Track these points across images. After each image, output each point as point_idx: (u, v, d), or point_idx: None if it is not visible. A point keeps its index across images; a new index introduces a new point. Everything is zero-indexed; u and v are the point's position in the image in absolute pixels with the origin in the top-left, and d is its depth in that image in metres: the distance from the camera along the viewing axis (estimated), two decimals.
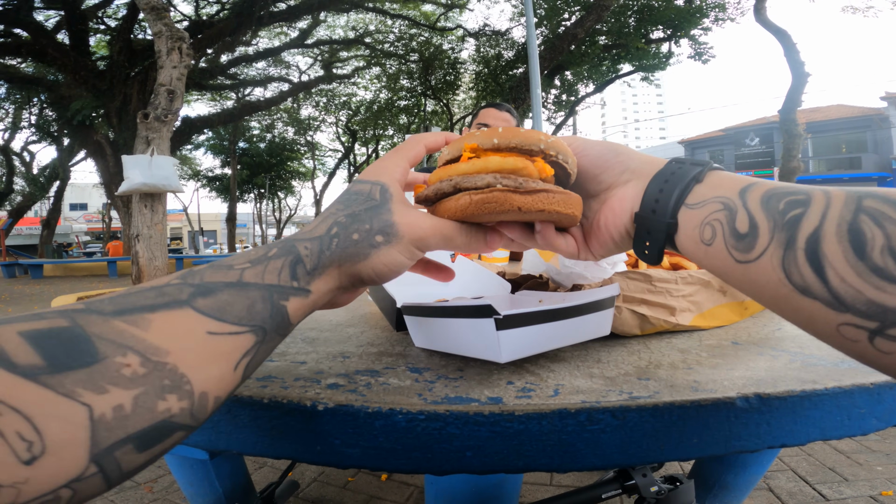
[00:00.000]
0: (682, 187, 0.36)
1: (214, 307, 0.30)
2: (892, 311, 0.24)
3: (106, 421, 0.24)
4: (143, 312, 0.27)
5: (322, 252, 0.36)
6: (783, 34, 11.86)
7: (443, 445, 0.38)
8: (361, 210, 0.38)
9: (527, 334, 0.43)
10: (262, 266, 0.34)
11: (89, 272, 14.04)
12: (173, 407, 0.26)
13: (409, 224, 0.38)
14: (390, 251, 0.37)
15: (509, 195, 0.36)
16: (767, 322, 0.71)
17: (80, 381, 0.23)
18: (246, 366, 0.31)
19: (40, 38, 10.98)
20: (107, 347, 0.25)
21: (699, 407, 0.39)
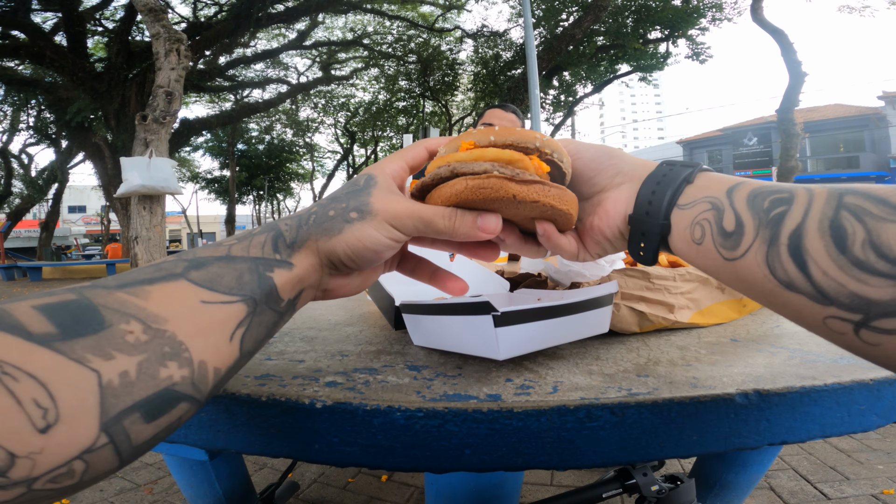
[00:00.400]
0: (674, 189, 0.37)
1: (206, 278, 0.32)
2: (875, 303, 0.24)
3: (113, 387, 0.24)
4: (142, 285, 0.29)
5: (300, 227, 0.37)
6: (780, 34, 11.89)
7: (441, 443, 0.38)
8: (342, 193, 0.39)
9: (525, 331, 0.43)
10: (247, 241, 0.36)
11: (88, 274, 14.03)
12: (174, 374, 0.27)
13: (385, 202, 0.38)
14: (364, 226, 0.37)
15: (505, 182, 0.36)
16: (766, 319, 0.71)
17: (89, 348, 0.24)
18: (241, 338, 0.32)
19: (38, 40, 10.95)
20: (112, 315, 0.26)
21: (698, 403, 0.39)
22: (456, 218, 0.38)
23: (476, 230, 0.39)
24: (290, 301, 0.36)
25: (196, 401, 0.29)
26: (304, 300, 0.39)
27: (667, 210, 0.37)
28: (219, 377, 0.31)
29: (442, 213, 0.38)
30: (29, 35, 11.04)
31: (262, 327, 0.34)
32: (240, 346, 0.32)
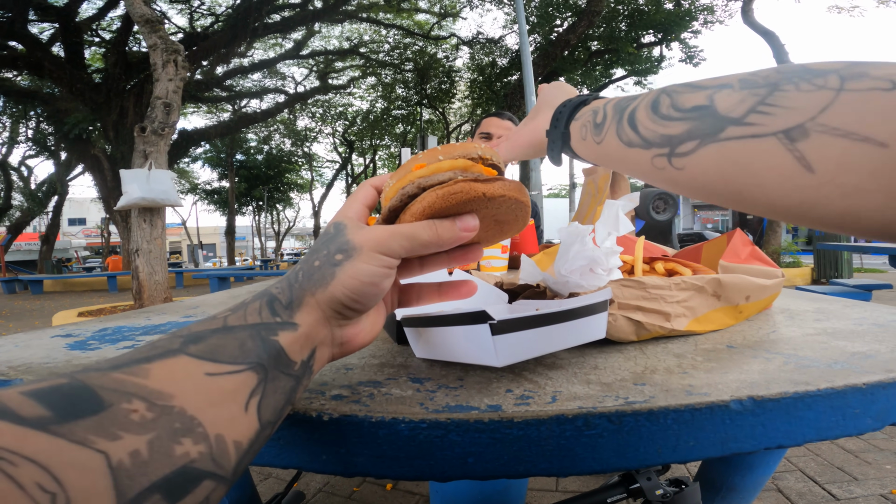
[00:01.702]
0: (572, 108, 0.50)
1: (207, 350, 0.31)
2: (674, 136, 0.33)
3: (126, 468, 0.23)
4: (139, 363, 0.28)
5: (291, 286, 0.38)
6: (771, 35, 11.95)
7: (445, 452, 0.39)
8: (320, 244, 0.40)
9: (522, 338, 0.44)
10: (242, 311, 0.35)
11: (89, 287, 14.03)
12: (191, 451, 0.26)
13: (365, 235, 0.39)
14: (354, 264, 0.37)
15: (472, 184, 0.38)
16: (763, 325, 0.72)
17: (90, 429, 0.23)
18: (258, 406, 0.31)
19: (36, 51, 10.94)
20: (110, 395, 0.25)
21: (694, 410, 0.40)
22: (437, 226, 0.39)
23: (458, 232, 0.40)
24: (303, 363, 0.36)
25: (221, 478, 0.28)
26: (321, 360, 0.39)
27: (566, 122, 0.50)
28: (241, 451, 0.29)
29: (422, 226, 0.39)
30: (27, 46, 11.03)
31: (279, 394, 0.33)
32: (258, 417, 0.31)
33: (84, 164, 14.37)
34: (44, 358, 0.62)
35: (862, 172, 0.23)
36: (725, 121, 0.30)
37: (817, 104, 0.25)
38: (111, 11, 12.89)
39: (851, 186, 0.24)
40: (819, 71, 0.27)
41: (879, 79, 0.24)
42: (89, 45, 13.72)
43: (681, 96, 0.34)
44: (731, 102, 0.30)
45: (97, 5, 13.00)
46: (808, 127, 0.25)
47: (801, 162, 0.25)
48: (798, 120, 0.26)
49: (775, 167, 0.27)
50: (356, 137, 24.11)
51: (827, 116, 0.24)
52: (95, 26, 13.42)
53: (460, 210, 0.40)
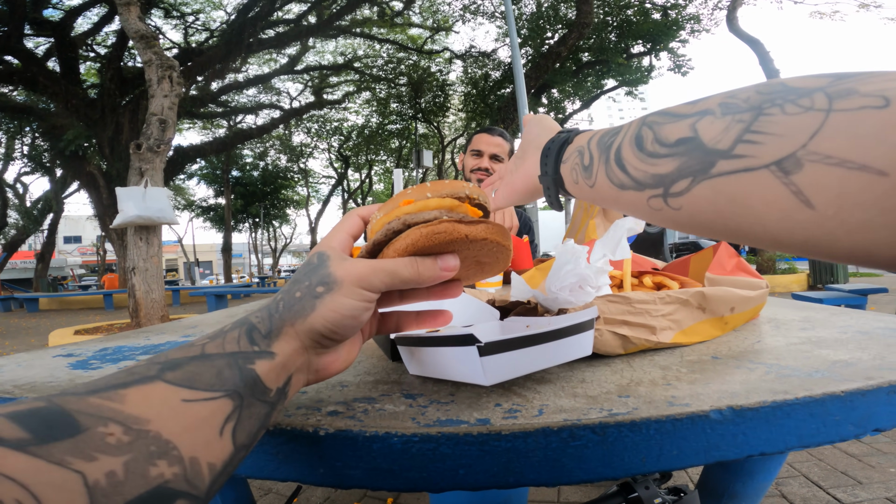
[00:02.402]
0: (556, 151, 0.50)
1: (184, 378, 0.31)
2: (666, 175, 0.32)
3: (101, 487, 0.24)
4: (116, 389, 0.29)
5: (272, 315, 0.38)
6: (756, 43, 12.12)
7: (437, 465, 0.40)
8: (302, 274, 0.41)
9: (508, 358, 0.46)
10: (220, 339, 0.36)
11: (85, 305, 14.00)
12: (165, 472, 0.27)
13: (347, 268, 0.39)
14: (335, 297, 0.38)
15: (456, 224, 0.39)
16: (748, 335, 0.73)
17: (67, 451, 0.24)
18: (232, 431, 0.32)
19: (31, 66, 10.94)
20: (87, 420, 0.26)
21: (675, 421, 0.42)
22: (418, 264, 0.41)
23: (439, 271, 0.41)
24: (279, 390, 0.37)
25: (195, 497, 0.29)
26: (296, 385, 0.40)
27: (555, 167, 0.50)
28: (215, 472, 0.30)
29: (404, 263, 0.40)
30: (22, 60, 11.04)
31: (254, 419, 0.34)
32: (232, 441, 0.32)
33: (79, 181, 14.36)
34: (47, 377, 0.64)
35: (865, 206, 0.21)
36: (714, 154, 0.28)
37: (806, 129, 0.24)
38: (106, 26, 12.95)
39: (856, 223, 0.22)
40: (803, 90, 0.25)
41: (869, 95, 0.22)
42: (84, 60, 13.74)
43: (663, 128, 0.33)
44: (715, 132, 0.29)
45: (92, 20, 13.07)
46: (800, 156, 0.24)
47: (798, 197, 0.24)
48: (789, 149, 0.24)
49: (773, 203, 0.25)
50: (352, 153, 24.16)
51: (818, 143, 0.23)
52: (90, 41, 13.46)
53: (443, 249, 0.41)
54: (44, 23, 11.61)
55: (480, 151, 2.20)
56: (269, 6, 12.63)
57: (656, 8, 13.96)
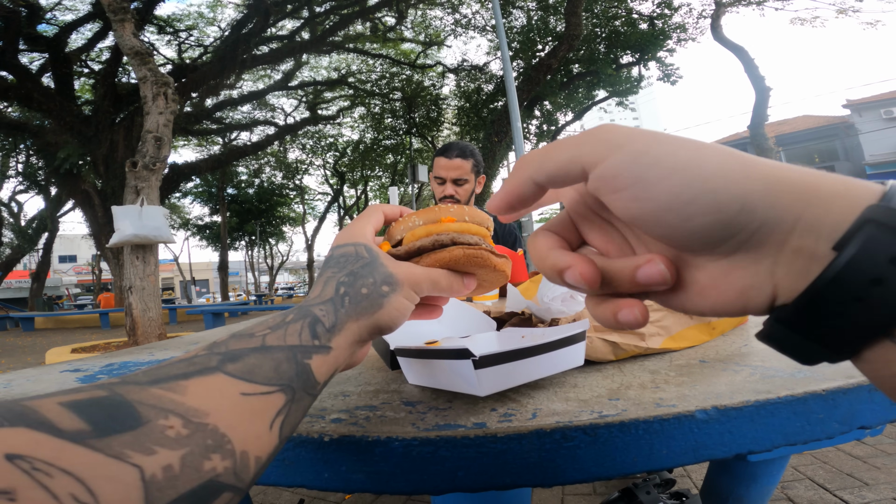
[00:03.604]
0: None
1: (244, 370, 0.32)
2: None
3: (157, 481, 0.24)
4: (177, 380, 0.29)
5: (337, 310, 0.39)
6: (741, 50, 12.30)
7: (436, 467, 0.42)
8: (358, 268, 0.42)
9: (502, 371, 0.49)
10: (282, 330, 0.36)
11: (81, 324, 13.92)
12: (218, 466, 0.27)
13: (405, 272, 0.43)
14: (398, 297, 0.42)
15: (489, 255, 0.46)
16: (735, 339, 0.76)
17: (127, 444, 0.24)
18: (281, 425, 0.33)
19: (25, 82, 10.92)
20: (148, 412, 0.26)
21: (662, 421, 0.44)
22: (453, 278, 0.46)
23: (463, 287, 0.47)
24: (324, 383, 0.38)
25: (239, 489, 0.29)
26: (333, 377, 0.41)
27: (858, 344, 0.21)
28: (259, 465, 0.31)
29: (444, 275, 0.45)
30: (17, 76, 11.02)
31: (300, 412, 0.35)
32: (279, 434, 0.33)
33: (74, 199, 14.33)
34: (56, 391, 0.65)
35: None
36: None
37: None
38: (100, 42, 12.98)
39: None
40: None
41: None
42: (79, 76, 13.74)
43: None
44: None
45: (86, 36, 13.09)
46: None
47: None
48: None
49: None
50: (347, 168, 24.17)
51: None
52: (85, 57, 13.48)
53: (467, 269, 0.47)
54: (38, 38, 11.63)
55: (443, 178, 2.11)
56: (262, 22, 12.72)
57: (643, 18, 14.17)
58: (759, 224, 0.22)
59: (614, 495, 1.34)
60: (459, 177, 2.08)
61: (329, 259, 0.45)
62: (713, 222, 0.23)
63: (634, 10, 14.14)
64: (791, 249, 0.22)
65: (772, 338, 0.24)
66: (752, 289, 0.23)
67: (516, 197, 0.30)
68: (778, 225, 0.22)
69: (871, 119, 23.05)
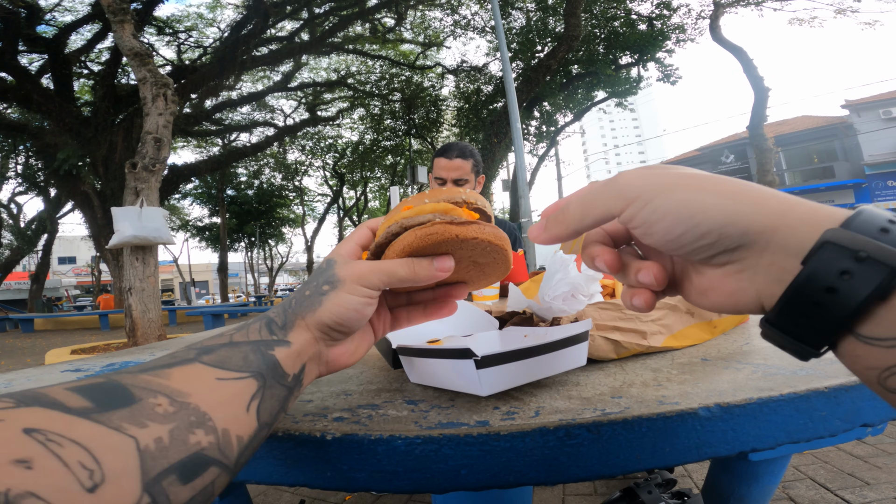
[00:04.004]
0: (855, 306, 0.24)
1: (217, 360, 0.37)
2: None
3: (150, 451, 0.28)
4: (162, 368, 0.34)
5: (286, 311, 0.44)
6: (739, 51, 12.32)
7: (439, 465, 0.42)
8: (312, 277, 0.46)
9: (504, 370, 0.48)
10: (245, 330, 0.41)
11: (81, 325, 13.92)
12: (202, 440, 0.31)
13: (349, 269, 0.44)
14: (338, 293, 0.43)
15: (448, 226, 0.42)
16: (737, 338, 0.75)
17: (124, 418, 0.28)
18: (257, 409, 0.37)
19: (25, 83, 10.92)
20: (140, 392, 0.30)
21: (666, 418, 0.44)
22: (414, 264, 0.44)
23: (434, 271, 0.44)
24: (295, 376, 0.41)
25: (225, 466, 0.32)
26: (310, 375, 0.44)
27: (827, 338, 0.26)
28: (242, 445, 0.34)
29: (401, 263, 0.44)
30: (16, 77, 11.02)
31: (275, 400, 0.39)
32: (257, 417, 0.36)
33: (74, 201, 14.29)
34: None
35: None
36: None
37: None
38: (99, 43, 12.95)
39: None
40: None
41: None
42: (78, 77, 13.73)
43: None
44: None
45: (86, 37, 13.06)
46: None
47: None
48: None
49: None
50: (346, 170, 24.16)
51: None
52: (84, 58, 13.44)
53: (437, 250, 0.44)
54: (37, 39, 11.62)
55: (443, 179, 2.12)
56: (262, 23, 12.71)
57: (642, 19, 14.18)
58: (737, 244, 0.29)
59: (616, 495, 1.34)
60: (459, 177, 2.09)
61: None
62: (700, 245, 0.31)
63: (633, 10, 14.15)
64: (766, 263, 0.28)
65: (767, 337, 0.30)
66: (739, 292, 0.31)
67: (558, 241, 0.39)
68: (753, 245, 0.29)
69: (869, 119, 23.04)
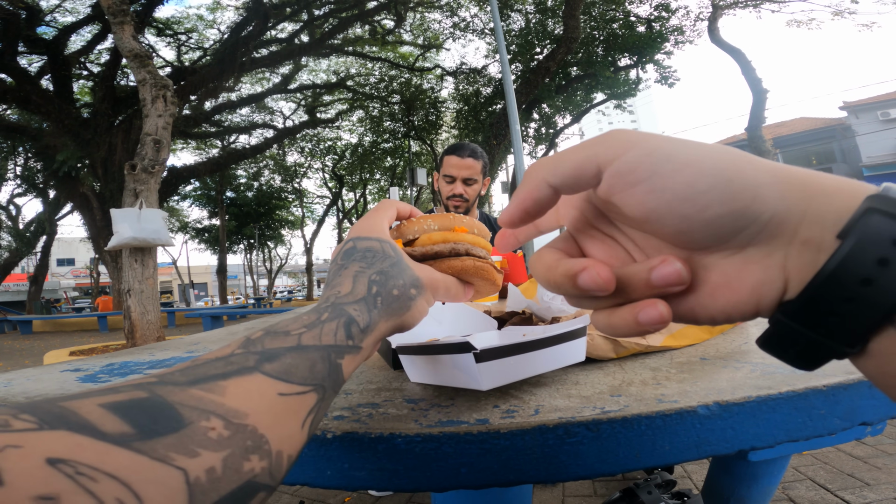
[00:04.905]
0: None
1: (281, 370, 0.32)
2: None
3: (201, 484, 0.24)
4: (216, 380, 0.29)
5: (370, 310, 0.40)
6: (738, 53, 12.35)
7: (439, 464, 0.42)
8: (387, 267, 0.43)
9: (504, 364, 0.49)
10: (317, 329, 0.37)
11: (79, 327, 13.90)
12: (256, 467, 0.27)
13: (428, 277, 0.46)
14: (421, 301, 0.44)
15: (493, 269, 0.51)
16: (736, 337, 0.76)
17: (171, 446, 0.24)
18: (311, 423, 0.33)
19: (24, 84, 10.89)
20: (190, 413, 0.26)
21: (665, 416, 0.44)
22: (460, 288, 0.50)
23: (464, 295, 0.52)
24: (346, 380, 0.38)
25: (271, 488, 0.29)
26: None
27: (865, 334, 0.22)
28: (290, 463, 0.31)
29: (456, 284, 0.50)
30: (16, 78, 10.99)
31: (326, 410, 0.36)
32: (308, 432, 0.33)
33: (73, 202, 14.32)
34: (58, 390, 0.65)
35: None
36: None
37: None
38: (99, 44, 12.95)
39: None
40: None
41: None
42: (77, 79, 13.73)
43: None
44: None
45: (86, 38, 13.07)
46: None
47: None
48: None
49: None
50: (346, 172, 24.13)
51: None
52: (84, 59, 13.45)
53: (471, 279, 0.51)
54: (37, 40, 11.63)
55: (453, 177, 2.11)
56: (262, 25, 12.72)
57: (641, 21, 14.20)
58: (771, 215, 0.23)
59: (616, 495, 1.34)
60: (470, 176, 2.10)
61: (352, 251, 0.45)
62: (728, 212, 0.23)
63: (632, 12, 14.17)
64: (800, 241, 0.23)
65: (774, 338, 0.24)
66: (765, 284, 0.24)
67: (532, 202, 0.29)
68: (788, 216, 0.23)
69: (867, 121, 23.09)
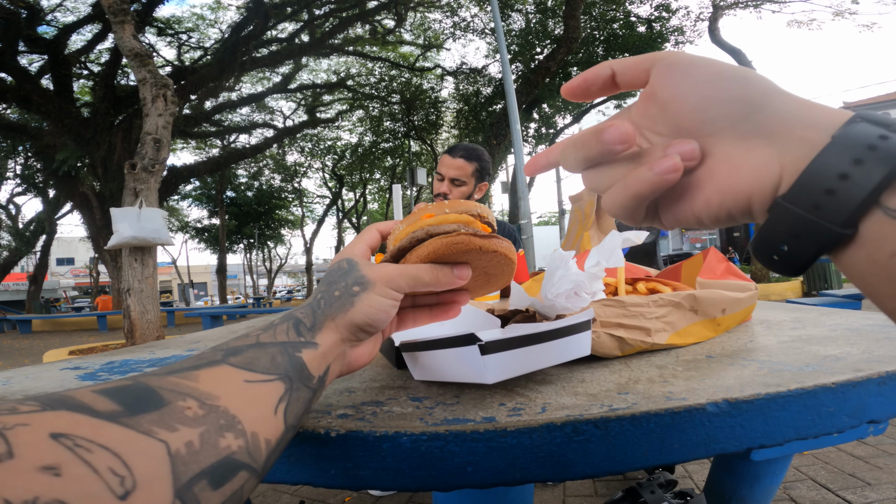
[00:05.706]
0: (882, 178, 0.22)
1: (245, 362, 0.36)
2: None
3: (181, 456, 0.27)
4: (190, 370, 0.33)
5: (315, 312, 0.43)
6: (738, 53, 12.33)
7: (445, 462, 0.42)
8: (336, 277, 0.46)
9: (509, 357, 0.48)
10: (272, 330, 0.41)
11: (79, 326, 13.90)
12: (232, 444, 0.30)
13: (377, 271, 0.45)
14: (370, 295, 0.44)
15: (472, 238, 0.45)
16: (742, 335, 0.75)
17: (154, 422, 0.27)
18: (284, 410, 0.36)
19: (24, 83, 10.91)
20: (169, 395, 0.30)
21: (673, 414, 0.43)
22: (437, 270, 0.46)
23: (454, 277, 0.47)
24: (319, 378, 0.41)
25: (254, 470, 0.32)
26: (332, 375, 0.44)
27: (857, 211, 0.23)
28: (270, 448, 0.34)
29: (426, 268, 0.46)
30: (16, 78, 11.01)
31: (301, 402, 0.38)
32: (284, 419, 0.36)
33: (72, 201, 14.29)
34: (57, 387, 0.65)
35: None
36: None
37: None
38: (100, 44, 12.96)
39: None
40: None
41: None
42: (77, 78, 13.73)
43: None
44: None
45: (86, 37, 13.06)
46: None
47: None
48: None
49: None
50: (346, 171, 24.14)
51: None
52: (84, 59, 13.46)
53: (458, 258, 0.47)
54: (38, 40, 11.63)
55: (441, 175, 2.11)
56: (262, 25, 12.72)
57: (641, 21, 14.20)
58: (774, 111, 0.27)
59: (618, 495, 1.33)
60: (457, 177, 2.09)
61: (322, 277, 0.48)
62: (741, 97, 0.28)
63: (632, 13, 14.17)
64: (796, 138, 0.26)
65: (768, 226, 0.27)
66: (762, 168, 0.27)
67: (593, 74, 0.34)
68: (787, 117, 0.27)
69: None
